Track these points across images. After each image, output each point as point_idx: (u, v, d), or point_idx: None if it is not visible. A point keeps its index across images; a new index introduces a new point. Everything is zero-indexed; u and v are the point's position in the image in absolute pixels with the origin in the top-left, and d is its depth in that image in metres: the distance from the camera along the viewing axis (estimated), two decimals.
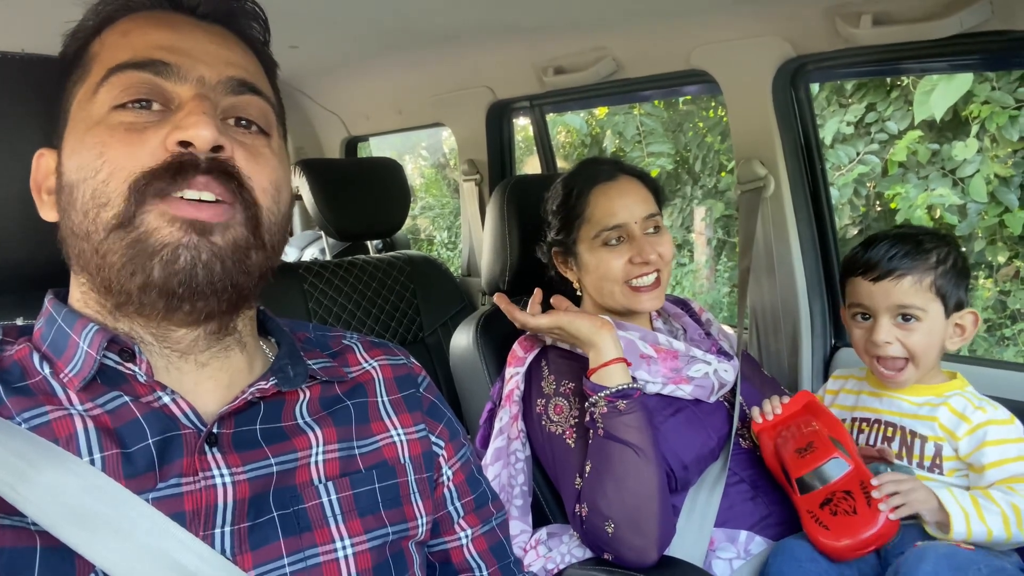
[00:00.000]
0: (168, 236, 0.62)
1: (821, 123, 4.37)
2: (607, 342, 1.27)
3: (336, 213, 2.08)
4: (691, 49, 1.80)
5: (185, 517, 0.61)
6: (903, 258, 1.23)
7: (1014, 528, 1.12)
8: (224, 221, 0.64)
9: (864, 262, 1.27)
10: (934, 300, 1.23)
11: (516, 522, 1.36)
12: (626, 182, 1.45)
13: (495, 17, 1.86)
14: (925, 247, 1.24)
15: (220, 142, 0.63)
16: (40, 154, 0.71)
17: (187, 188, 0.63)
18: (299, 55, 2.28)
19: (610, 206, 1.41)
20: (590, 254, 1.43)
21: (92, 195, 0.63)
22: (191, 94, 0.65)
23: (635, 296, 1.40)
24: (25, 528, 0.57)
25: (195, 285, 0.63)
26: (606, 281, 1.42)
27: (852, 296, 1.31)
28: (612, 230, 1.40)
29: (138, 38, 0.67)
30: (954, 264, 1.25)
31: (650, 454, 1.21)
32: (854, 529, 1.14)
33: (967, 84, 3.78)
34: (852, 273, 1.30)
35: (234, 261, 0.65)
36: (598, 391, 1.24)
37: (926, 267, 1.23)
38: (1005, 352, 3.99)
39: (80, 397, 0.63)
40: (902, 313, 1.24)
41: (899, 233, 1.29)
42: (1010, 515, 1.12)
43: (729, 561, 1.26)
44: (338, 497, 0.70)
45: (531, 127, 2.59)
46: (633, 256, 1.39)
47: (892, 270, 1.23)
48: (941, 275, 1.23)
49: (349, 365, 0.81)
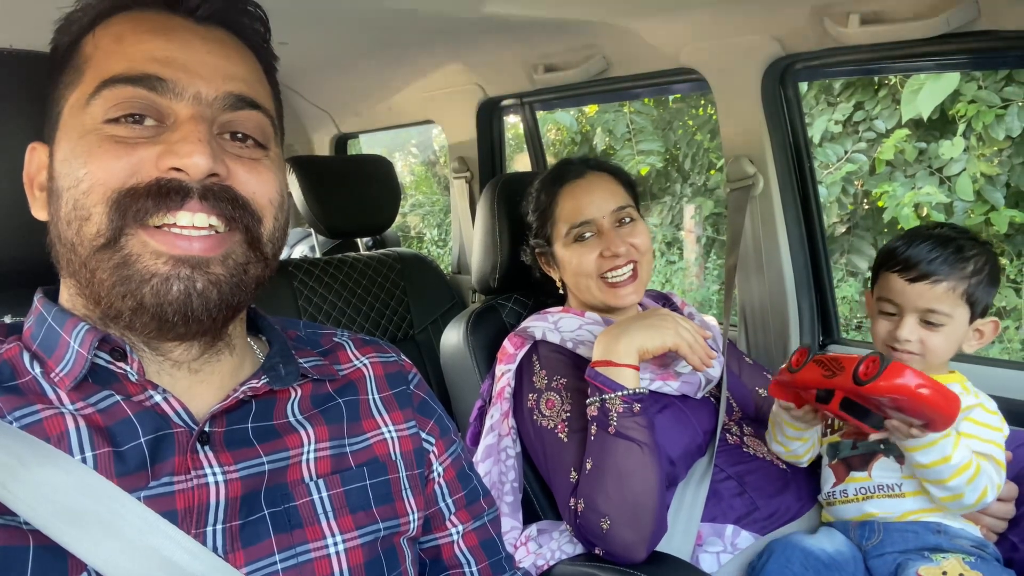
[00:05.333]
0: (154, 268, 0.61)
1: (809, 121, 4.39)
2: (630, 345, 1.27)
3: (326, 210, 2.08)
4: (681, 47, 1.80)
5: (177, 515, 0.61)
6: (942, 263, 1.21)
7: (961, 479, 1.13)
8: (221, 253, 0.64)
9: (904, 259, 1.25)
10: (963, 307, 1.23)
11: (506, 519, 1.37)
12: (594, 178, 1.48)
13: (485, 15, 1.85)
14: (965, 254, 1.22)
15: (215, 169, 0.62)
16: (32, 147, 0.70)
17: (179, 211, 0.62)
18: (289, 52, 2.25)
19: (576, 204, 1.45)
20: (564, 251, 1.47)
21: (74, 206, 0.62)
22: (187, 113, 0.64)
23: (612, 292, 1.43)
24: (17, 527, 0.57)
25: (190, 313, 0.62)
26: (581, 277, 1.45)
27: (884, 290, 1.28)
28: (581, 226, 1.44)
29: (133, 46, 0.65)
30: (989, 273, 1.24)
31: (655, 451, 1.22)
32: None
33: (954, 83, 3.81)
34: (889, 267, 1.28)
35: (232, 285, 0.65)
36: (617, 389, 1.23)
37: (962, 275, 1.22)
38: (991, 349, 4.02)
39: (71, 397, 0.63)
40: (929, 316, 1.24)
41: (942, 235, 1.26)
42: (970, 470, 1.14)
43: (716, 555, 1.27)
44: (329, 494, 0.70)
45: (521, 125, 2.59)
46: (603, 250, 1.41)
47: (929, 274, 1.22)
48: (975, 284, 1.22)
49: (340, 363, 0.81)
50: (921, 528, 1.20)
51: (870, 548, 1.22)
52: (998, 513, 1.23)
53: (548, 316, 1.46)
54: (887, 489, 1.25)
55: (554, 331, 1.42)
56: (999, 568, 1.16)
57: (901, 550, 1.19)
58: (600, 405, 1.24)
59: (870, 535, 1.24)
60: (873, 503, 1.25)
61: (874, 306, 1.33)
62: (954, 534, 1.19)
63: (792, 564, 1.18)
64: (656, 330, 1.28)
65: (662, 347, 1.28)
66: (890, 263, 1.27)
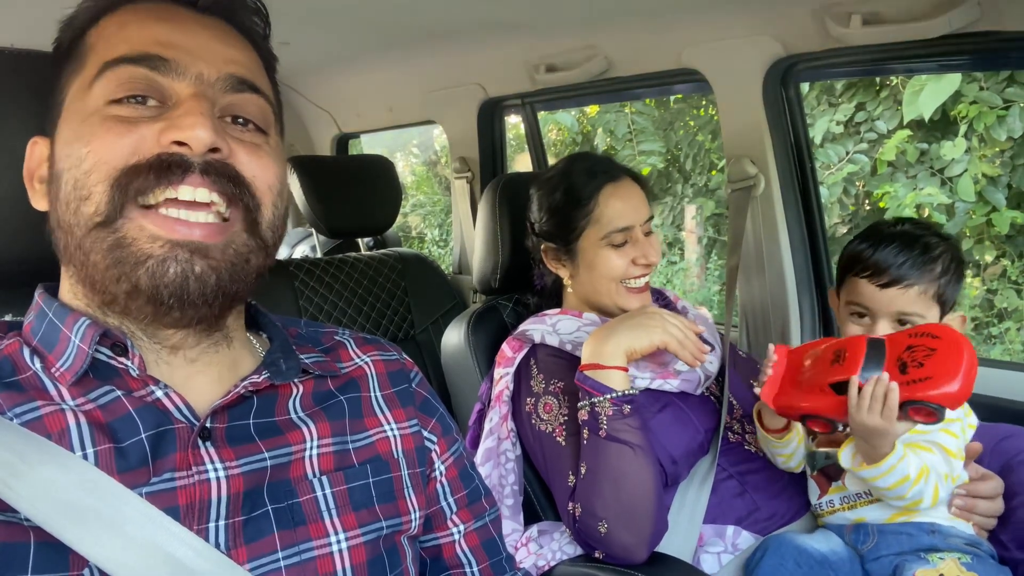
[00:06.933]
0: (150, 250, 0.61)
1: (811, 122, 4.39)
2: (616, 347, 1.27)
3: (327, 210, 2.08)
4: (682, 48, 1.80)
5: (179, 511, 0.61)
6: (911, 268, 1.20)
7: (906, 486, 1.13)
8: (223, 241, 0.64)
9: (872, 264, 1.23)
10: (935, 307, 1.22)
11: (507, 522, 1.37)
12: (629, 183, 1.47)
13: (487, 14, 1.86)
14: (933, 254, 1.21)
15: (217, 144, 0.63)
16: (34, 142, 0.70)
17: (180, 185, 0.62)
18: (291, 51, 2.27)
19: (622, 207, 1.43)
20: (593, 253, 1.44)
21: (74, 186, 0.62)
22: (189, 92, 0.64)
23: (628, 296, 1.43)
24: (18, 523, 0.57)
25: (186, 296, 0.62)
26: (604, 280, 1.43)
27: (853, 295, 1.26)
28: (621, 232, 1.41)
29: (135, 31, 0.66)
30: (956, 270, 1.23)
31: (648, 452, 1.22)
32: (952, 361, 1.03)
33: (955, 84, 3.81)
34: (857, 272, 1.26)
35: (232, 272, 0.64)
36: (606, 392, 1.23)
37: (932, 277, 1.21)
38: (992, 350, 4.02)
39: (72, 392, 0.63)
40: (903, 319, 1.23)
41: (904, 233, 1.24)
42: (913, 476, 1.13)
43: (717, 555, 1.27)
44: (332, 491, 0.70)
45: (522, 125, 2.59)
46: (637, 257, 1.41)
47: (900, 279, 1.20)
48: (944, 284, 1.22)
49: (342, 360, 0.81)
50: (915, 529, 1.20)
51: (866, 552, 1.22)
52: (987, 512, 1.21)
53: (546, 318, 1.45)
54: (867, 496, 1.24)
55: (552, 333, 1.41)
56: (995, 567, 1.16)
57: (897, 552, 1.19)
58: (590, 409, 1.23)
59: (865, 539, 1.23)
60: (861, 510, 1.24)
61: (842, 308, 1.31)
62: (948, 533, 1.18)
63: (786, 562, 1.18)
64: (643, 329, 1.27)
65: (650, 346, 1.26)
66: (858, 268, 1.25)
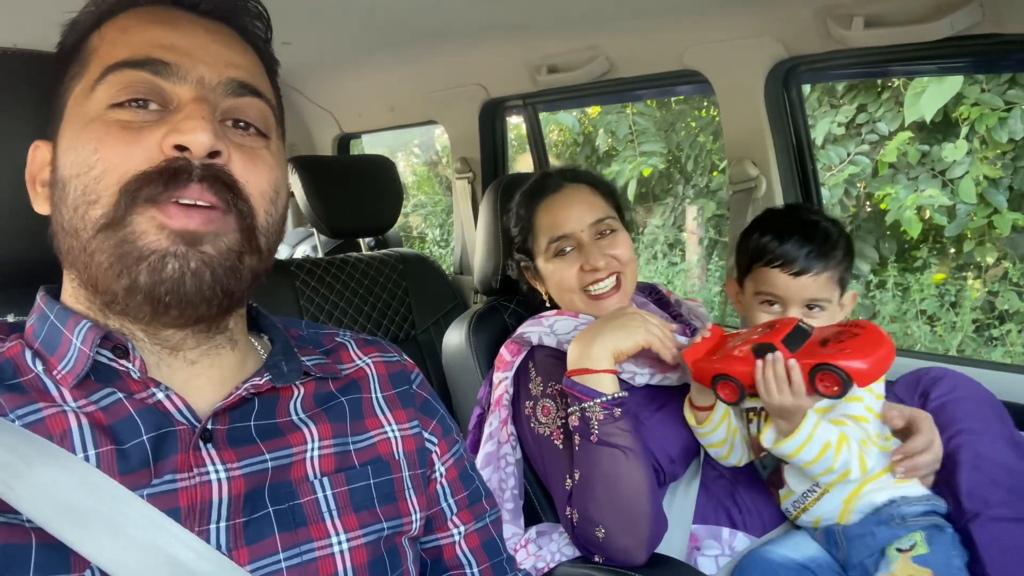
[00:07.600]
0: (156, 243, 0.61)
1: (812, 124, 4.39)
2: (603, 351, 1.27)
3: (328, 210, 2.08)
4: (684, 49, 1.81)
5: (180, 513, 0.61)
6: (818, 257, 1.26)
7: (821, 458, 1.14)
8: (215, 230, 0.64)
9: (781, 255, 1.27)
10: (836, 289, 1.30)
11: (508, 525, 1.36)
12: (571, 191, 1.47)
13: (489, 15, 1.86)
14: (833, 239, 1.28)
15: (217, 147, 0.63)
16: (36, 146, 0.70)
17: (185, 191, 0.62)
18: (292, 51, 2.27)
19: (554, 218, 1.44)
20: (546, 266, 1.46)
21: (83, 191, 0.62)
22: (190, 96, 0.65)
23: (596, 304, 1.42)
24: (20, 525, 0.57)
25: (183, 294, 0.62)
26: (564, 291, 1.44)
27: (764, 284, 1.30)
28: (560, 240, 1.42)
29: (137, 35, 0.66)
30: (850, 251, 1.31)
31: (641, 454, 1.21)
32: (871, 346, 1.10)
33: (957, 86, 3.81)
34: (766, 263, 1.29)
35: (225, 269, 0.65)
36: (595, 397, 1.22)
37: (836, 262, 1.28)
38: (993, 352, 4.02)
39: (74, 394, 0.63)
40: (812, 303, 1.28)
41: (804, 222, 1.30)
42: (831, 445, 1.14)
43: (715, 558, 1.27)
44: (333, 493, 0.70)
45: (523, 125, 2.59)
46: (583, 264, 1.41)
47: (810, 268, 1.26)
48: (844, 268, 1.29)
49: (343, 362, 0.82)
50: (876, 526, 1.19)
51: (843, 560, 1.22)
52: (929, 465, 1.20)
53: (544, 320, 1.45)
54: (812, 494, 1.24)
55: (550, 335, 1.41)
56: (949, 538, 1.15)
57: (868, 555, 1.19)
58: (580, 414, 1.23)
59: (836, 549, 1.23)
60: (814, 509, 1.24)
61: (745, 297, 1.35)
62: (908, 511, 1.18)
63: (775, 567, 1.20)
64: (627, 330, 1.27)
65: (635, 346, 1.27)
66: (767, 258, 1.29)
